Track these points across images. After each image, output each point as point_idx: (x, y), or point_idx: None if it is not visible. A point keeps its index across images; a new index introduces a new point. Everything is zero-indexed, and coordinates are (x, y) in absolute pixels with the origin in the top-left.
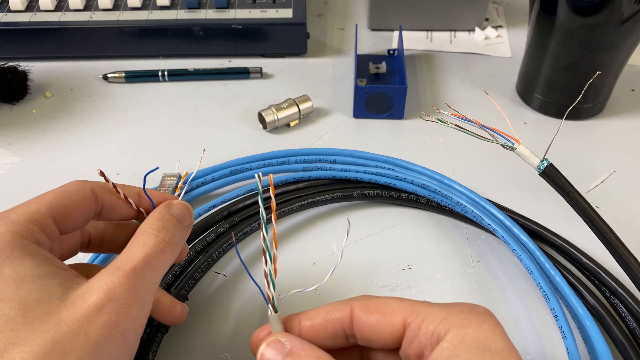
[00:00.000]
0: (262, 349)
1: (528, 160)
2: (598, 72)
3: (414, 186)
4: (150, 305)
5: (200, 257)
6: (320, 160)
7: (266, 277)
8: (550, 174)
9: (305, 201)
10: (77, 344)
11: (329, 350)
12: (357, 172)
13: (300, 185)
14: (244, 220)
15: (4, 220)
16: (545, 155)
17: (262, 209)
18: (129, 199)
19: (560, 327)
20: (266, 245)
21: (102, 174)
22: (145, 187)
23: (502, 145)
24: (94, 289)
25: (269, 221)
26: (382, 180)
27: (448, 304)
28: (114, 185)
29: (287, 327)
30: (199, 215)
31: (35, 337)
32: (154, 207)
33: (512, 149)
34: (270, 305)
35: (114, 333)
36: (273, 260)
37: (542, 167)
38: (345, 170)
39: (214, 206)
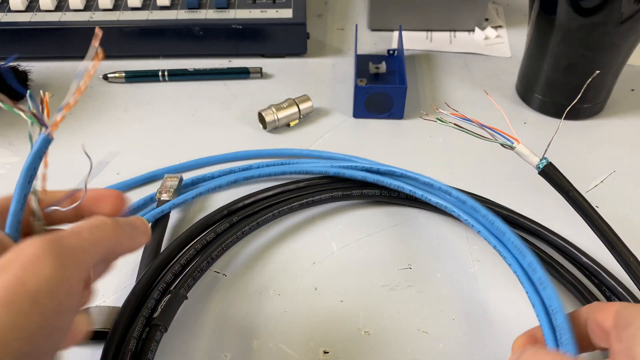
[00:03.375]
0: None
1: (527, 159)
2: (597, 72)
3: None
4: (80, 273)
5: (199, 256)
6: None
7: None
8: (550, 173)
9: (305, 200)
10: None
11: None
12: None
13: (300, 184)
14: (244, 220)
15: None
16: (544, 154)
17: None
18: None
19: None
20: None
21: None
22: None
23: (502, 145)
24: (6, 254)
25: None
26: None
27: None
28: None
29: None
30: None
31: None
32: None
33: (512, 148)
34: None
35: (19, 293)
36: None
37: (541, 166)
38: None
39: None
